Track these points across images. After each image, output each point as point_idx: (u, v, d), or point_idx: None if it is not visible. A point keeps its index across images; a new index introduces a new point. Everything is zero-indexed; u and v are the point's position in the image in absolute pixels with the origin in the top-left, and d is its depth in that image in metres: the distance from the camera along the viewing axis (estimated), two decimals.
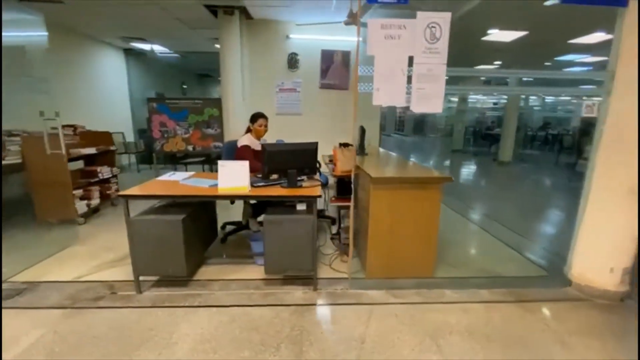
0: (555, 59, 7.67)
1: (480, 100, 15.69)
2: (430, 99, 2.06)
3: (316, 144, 2.45)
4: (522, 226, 3.92)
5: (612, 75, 2.12)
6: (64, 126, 3.52)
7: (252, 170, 2.72)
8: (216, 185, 2.38)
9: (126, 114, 7.62)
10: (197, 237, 2.50)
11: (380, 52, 1.99)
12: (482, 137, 12.00)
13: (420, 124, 20.31)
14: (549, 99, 15.19)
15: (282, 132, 5.47)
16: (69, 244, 3.12)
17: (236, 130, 5.05)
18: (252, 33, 5.07)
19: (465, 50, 6.81)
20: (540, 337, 1.93)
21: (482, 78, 10.23)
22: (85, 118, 3.25)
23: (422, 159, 9.79)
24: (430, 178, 2.39)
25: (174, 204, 2.46)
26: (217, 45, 6.99)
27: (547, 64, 8.45)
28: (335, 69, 5.27)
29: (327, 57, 5.22)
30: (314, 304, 2.20)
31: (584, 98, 2.23)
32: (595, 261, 2.33)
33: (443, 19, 1.97)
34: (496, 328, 2.00)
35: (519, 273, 2.73)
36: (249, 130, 3.07)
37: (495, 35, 5.58)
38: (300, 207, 2.39)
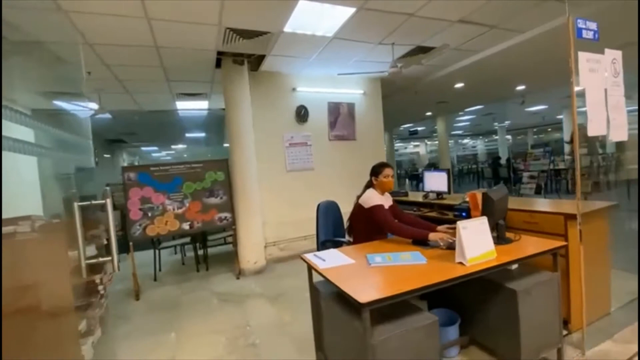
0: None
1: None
2: (621, 128, 2.11)
3: (506, 190, 2.15)
4: None
5: None
6: (15, 219, 2.13)
7: (395, 232, 2.20)
8: (420, 258, 1.76)
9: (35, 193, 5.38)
10: None
11: (588, 84, 1.97)
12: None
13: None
14: None
15: (295, 190, 4.73)
16: None
17: (252, 193, 4.16)
18: (256, 86, 4.49)
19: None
20: None
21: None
22: None
23: None
24: (599, 209, 2.36)
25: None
26: (178, 103, 5.98)
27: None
28: (343, 120, 5.12)
29: (334, 109, 5.05)
30: None
31: None
32: None
33: (619, 55, 2.12)
34: None
35: None
36: (370, 185, 2.51)
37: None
38: (514, 265, 1.97)
